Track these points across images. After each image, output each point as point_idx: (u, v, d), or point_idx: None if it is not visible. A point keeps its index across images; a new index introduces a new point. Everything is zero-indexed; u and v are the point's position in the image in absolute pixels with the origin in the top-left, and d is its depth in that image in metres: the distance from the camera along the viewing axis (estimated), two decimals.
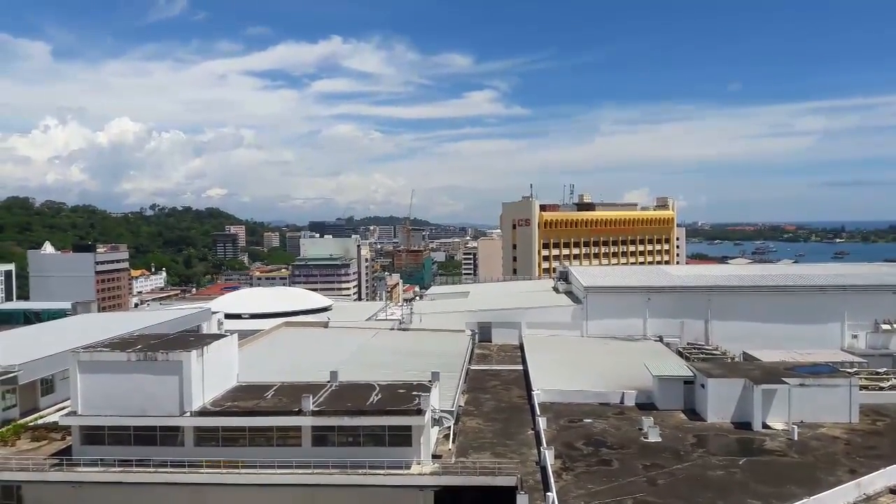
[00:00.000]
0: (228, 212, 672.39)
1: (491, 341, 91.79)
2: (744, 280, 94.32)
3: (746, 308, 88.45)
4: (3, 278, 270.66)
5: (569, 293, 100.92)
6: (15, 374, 58.20)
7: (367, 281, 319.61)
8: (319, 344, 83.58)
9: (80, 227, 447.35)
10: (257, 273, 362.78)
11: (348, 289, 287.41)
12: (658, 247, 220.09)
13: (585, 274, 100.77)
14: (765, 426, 54.21)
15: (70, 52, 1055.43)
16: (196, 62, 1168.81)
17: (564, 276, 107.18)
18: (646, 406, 60.08)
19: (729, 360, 74.18)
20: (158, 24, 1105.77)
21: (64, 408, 55.73)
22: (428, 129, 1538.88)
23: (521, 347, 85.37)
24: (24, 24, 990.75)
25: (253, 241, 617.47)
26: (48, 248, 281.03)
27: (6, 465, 48.15)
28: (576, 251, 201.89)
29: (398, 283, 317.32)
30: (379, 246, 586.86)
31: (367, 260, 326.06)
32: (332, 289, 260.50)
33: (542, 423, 52.90)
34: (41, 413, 61.31)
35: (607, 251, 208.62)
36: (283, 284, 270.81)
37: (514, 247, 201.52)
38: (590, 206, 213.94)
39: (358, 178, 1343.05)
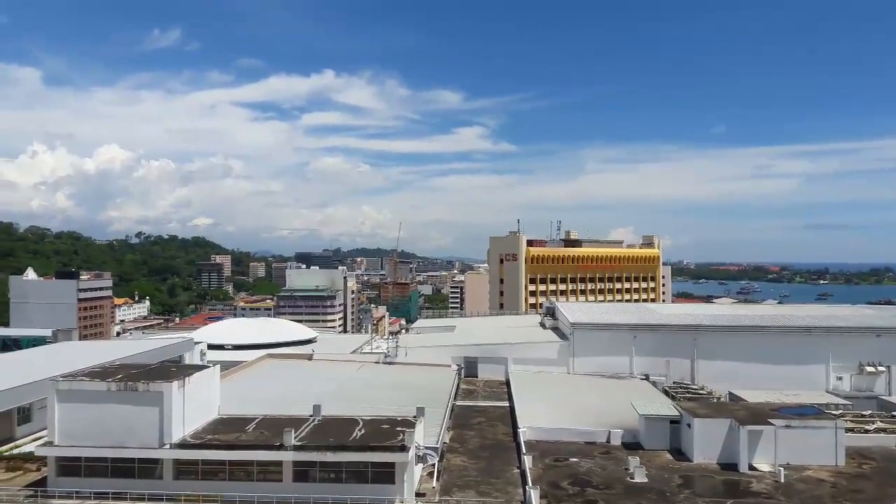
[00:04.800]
0: (214, 241, 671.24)
1: (477, 376, 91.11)
2: (730, 320, 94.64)
3: (732, 348, 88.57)
4: None
5: (555, 329, 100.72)
6: None
7: (352, 313, 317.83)
8: (303, 376, 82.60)
9: (63, 253, 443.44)
10: (242, 303, 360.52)
11: (334, 321, 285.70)
12: (644, 284, 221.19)
13: (572, 310, 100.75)
14: (751, 468, 53.86)
15: (61, 79, 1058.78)
16: (187, 92, 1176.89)
17: (551, 312, 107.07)
18: (632, 445, 59.59)
19: (715, 400, 73.96)
20: (151, 53, 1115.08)
21: (41, 438, 54.59)
22: (417, 164, 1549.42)
23: (508, 383, 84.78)
24: (15, 49, 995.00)
25: (238, 271, 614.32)
26: (31, 274, 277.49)
27: None
28: (562, 287, 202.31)
29: (384, 316, 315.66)
30: (366, 278, 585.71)
31: (353, 292, 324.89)
32: (318, 320, 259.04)
33: (527, 461, 52.26)
34: (17, 443, 60.14)
35: (594, 287, 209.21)
36: (268, 315, 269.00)
37: (501, 281, 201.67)
38: (576, 243, 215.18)
39: (346, 210, 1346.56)
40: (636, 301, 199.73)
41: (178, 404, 48.48)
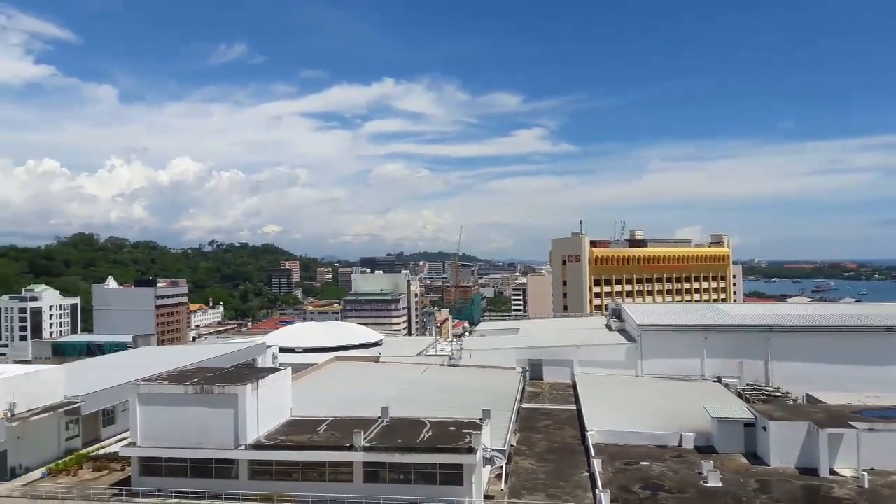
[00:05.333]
0: (283, 248, 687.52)
1: (542, 379, 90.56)
2: (805, 319, 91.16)
3: (808, 348, 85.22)
4: (69, 311, 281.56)
5: (622, 331, 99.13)
6: (78, 404, 59.89)
7: (416, 316, 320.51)
8: (370, 378, 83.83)
9: (141, 262, 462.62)
10: (310, 308, 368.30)
11: (398, 324, 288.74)
12: (713, 284, 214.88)
13: (639, 311, 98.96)
14: (832, 472, 51.81)
15: (135, 95, 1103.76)
16: (254, 104, 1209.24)
17: (617, 314, 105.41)
18: (705, 449, 58.15)
19: (791, 403, 71.46)
20: (219, 67, 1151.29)
21: (124, 438, 57.09)
22: (476, 167, 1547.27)
23: (574, 386, 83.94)
24: (92, 69, 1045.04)
25: (306, 276, 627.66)
26: (111, 282, 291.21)
27: (68, 494, 49.47)
28: (628, 288, 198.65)
29: (447, 319, 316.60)
30: (428, 281, 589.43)
31: (416, 295, 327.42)
32: (383, 323, 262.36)
33: (597, 464, 51.69)
34: (102, 443, 62.93)
35: (661, 288, 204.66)
36: (336, 319, 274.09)
37: (565, 283, 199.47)
38: (642, 243, 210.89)
39: (407, 215, 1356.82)
40: (705, 301, 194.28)
41: (252, 406, 50.01)
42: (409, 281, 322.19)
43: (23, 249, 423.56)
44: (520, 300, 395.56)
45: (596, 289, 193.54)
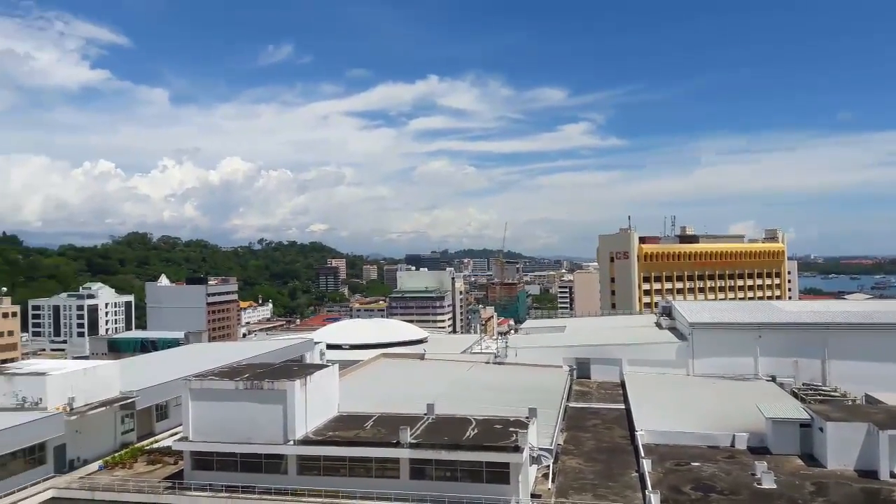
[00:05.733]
0: (330, 246, 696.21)
1: (590, 378, 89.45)
2: (864, 317, 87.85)
3: (868, 347, 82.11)
4: (123, 309, 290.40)
5: (672, 329, 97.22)
6: (133, 399, 61.48)
7: (461, 313, 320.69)
8: (415, 375, 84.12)
9: (192, 260, 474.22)
10: (357, 305, 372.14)
11: (443, 321, 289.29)
12: (768, 281, 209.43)
13: (690, 309, 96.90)
14: (892, 475, 49.78)
15: (186, 97, 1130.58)
16: (301, 104, 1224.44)
17: (667, 312, 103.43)
18: (758, 450, 56.51)
19: (850, 403, 68.97)
20: (266, 68, 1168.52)
21: (177, 433, 58.36)
22: (521, 163, 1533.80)
23: (623, 385, 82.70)
24: (145, 72, 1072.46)
25: (353, 273, 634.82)
26: (164, 280, 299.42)
27: (125, 486, 50.89)
28: (678, 285, 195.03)
29: (492, 316, 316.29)
30: (473, 279, 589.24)
31: (461, 292, 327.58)
32: (428, 321, 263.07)
33: (646, 465, 50.78)
34: (156, 437, 64.51)
35: (713, 285, 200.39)
36: (381, 316, 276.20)
37: (613, 280, 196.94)
38: (693, 239, 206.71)
39: (452, 212, 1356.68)
40: (759, 299, 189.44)
41: (300, 402, 50.60)
42: (453, 278, 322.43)
43: (80, 248, 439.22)
44: (566, 298, 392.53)
45: (645, 286, 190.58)
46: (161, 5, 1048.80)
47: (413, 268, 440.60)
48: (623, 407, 72.97)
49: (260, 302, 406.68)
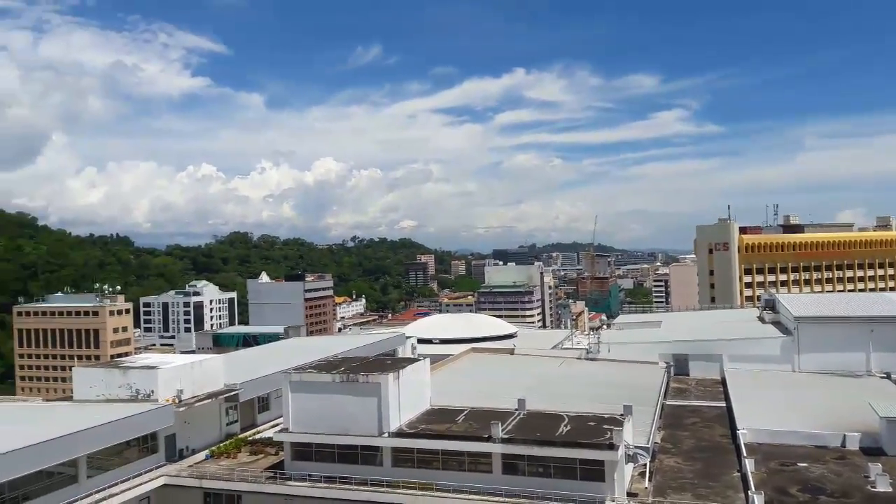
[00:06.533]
0: (419, 242, 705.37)
1: (688, 374, 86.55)
2: None
3: None
4: (227, 305, 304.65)
5: (776, 323, 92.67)
6: (237, 392, 64.08)
7: (550, 308, 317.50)
8: (505, 371, 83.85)
9: (290, 258, 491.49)
10: (446, 300, 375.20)
11: (532, 316, 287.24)
12: (880, 272, 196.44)
13: (796, 302, 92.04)
14: None
15: (281, 102, 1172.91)
16: (389, 104, 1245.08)
17: (771, 305, 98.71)
18: (872, 451, 53.03)
19: None
20: (356, 70, 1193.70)
21: (277, 424, 60.54)
22: (611, 153, 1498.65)
23: (723, 382, 79.51)
24: (243, 79, 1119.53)
25: (441, 269, 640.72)
26: (264, 277, 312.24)
27: (230, 475, 53.21)
28: (783, 277, 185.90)
29: (583, 311, 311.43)
30: (562, 273, 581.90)
31: (550, 287, 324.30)
32: (517, 316, 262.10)
33: (749, 464, 48.64)
34: (258, 429, 66.92)
35: (819, 277, 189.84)
36: (470, 311, 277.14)
37: (711, 273, 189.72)
38: (798, 228, 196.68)
39: (539, 206, 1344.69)
40: (871, 290, 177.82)
41: (394, 395, 51.46)
42: (542, 273, 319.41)
43: (186, 248, 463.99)
44: (661, 292, 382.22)
45: (746, 278, 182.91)
46: (256, 14, 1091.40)
47: (500, 263, 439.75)
48: (724, 405, 70.24)
49: (354, 297, 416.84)
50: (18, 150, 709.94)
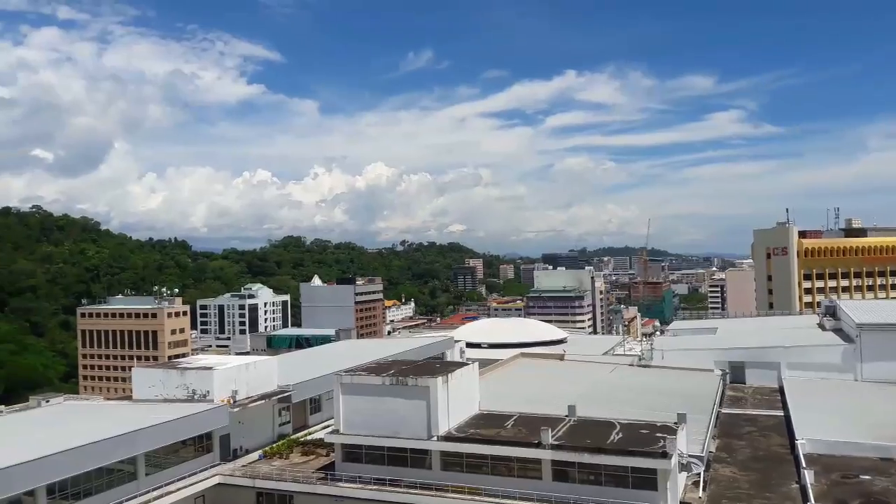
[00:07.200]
0: (467, 246, 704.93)
1: (744, 383, 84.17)
2: None
3: None
4: (280, 307, 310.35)
5: (838, 331, 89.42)
6: (289, 393, 65.06)
7: (601, 314, 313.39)
8: (555, 376, 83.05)
9: (342, 262, 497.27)
10: (494, 304, 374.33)
11: (583, 321, 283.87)
12: None
13: (858, 309, 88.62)
14: None
15: (334, 108, 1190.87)
16: (438, 108, 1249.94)
17: (832, 312, 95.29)
18: None
19: None
20: (407, 75, 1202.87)
21: (328, 425, 61.30)
22: (664, 156, 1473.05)
23: (781, 390, 77.08)
24: (297, 85, 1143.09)
25: (489, 273, 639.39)
26: (316, 280, 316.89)
27: (282, 476, 54.11)
28: (844, 283, 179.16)
29: (636, 317, 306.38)
30: (614, 278, 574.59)
31: (601, 292, 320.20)
32: (567, 321, 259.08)
33: (808, 476, 47.00)
34: (310, 430, 67.76)
35: (884, 283, 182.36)
36: (519, 315, 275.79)
37: (769, 278, 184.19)
38: (860, 232, 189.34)
39: (591, 209, 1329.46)
40: None
41: (443, 399, 51.55)
42: (592, 277, 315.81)
43: (241, 252, 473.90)
44: (717, 297, 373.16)
45: (806, 284, 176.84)
46: (310, 21, 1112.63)
47: (550, 267, 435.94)
48: (782, 414, 68.11)
49: (403, 301, 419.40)
50: (83, 157, 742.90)
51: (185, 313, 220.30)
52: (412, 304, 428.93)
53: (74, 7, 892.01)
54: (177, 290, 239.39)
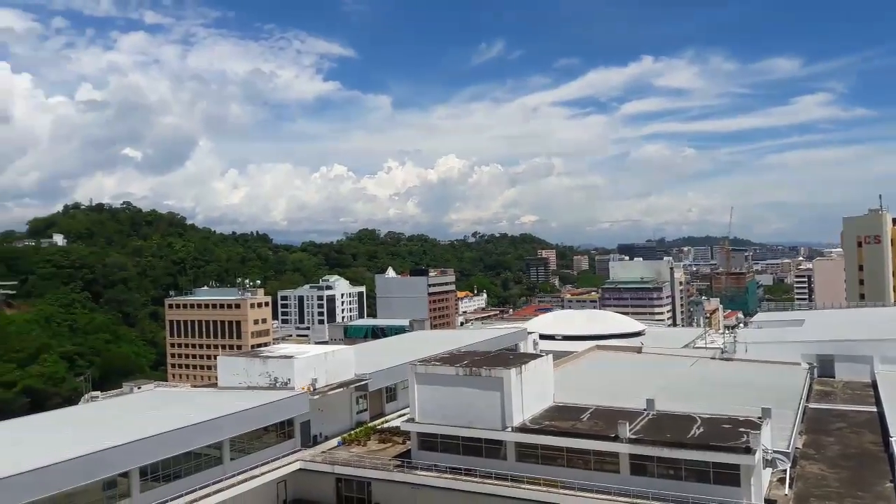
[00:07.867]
0: (540, 237, 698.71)
1: (833, 377, 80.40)
2: None
3: None
4: (356, 298, 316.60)
5: None
6: (366, 381, 66.33)
7: (681, 306, 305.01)
8: (632, 369, 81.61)
9: (415, 254, 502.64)
10: (568, 295, 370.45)
11: (661, 313, 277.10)
12: None
13: None
14: None
15: (406, 102, 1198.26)
16: (510, 99, 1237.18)
17: None
18: None
19: None
20: (478, 67, 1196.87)
21: (403, 414, 62.16)
22: (747, 142, 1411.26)
23: (874, 385, 73.25)
24: (371, 81, 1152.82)
25: (563, 264, 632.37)
26: (391, 272, 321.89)
27: (360, 462, 55.26)
28: None
29: (717, 309, 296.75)
30: (694, 268, 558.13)
31: (680, 283, 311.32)
32: (644, 313, 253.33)
33: None
34: (386, 418, 68.93)
35: None
36: (593, 307, 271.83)
37: (861, 268, 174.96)
38: None
39: (669, 198, 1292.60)
40: None
41: (516, 390, 51.44)
42: (671, 268, 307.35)
43: (319, 245, 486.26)
44: (804, 288, 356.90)
45: None
46: (383, 18, 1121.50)
47: (626, 257, 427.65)
48: (874, 409, 64.73)
49: (475, 292, 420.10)
50: (170, 155, 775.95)
51: (266, 304, 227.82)
52: (484, 296, 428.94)
53: (160, 11, 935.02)
54: (259, 282, 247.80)
